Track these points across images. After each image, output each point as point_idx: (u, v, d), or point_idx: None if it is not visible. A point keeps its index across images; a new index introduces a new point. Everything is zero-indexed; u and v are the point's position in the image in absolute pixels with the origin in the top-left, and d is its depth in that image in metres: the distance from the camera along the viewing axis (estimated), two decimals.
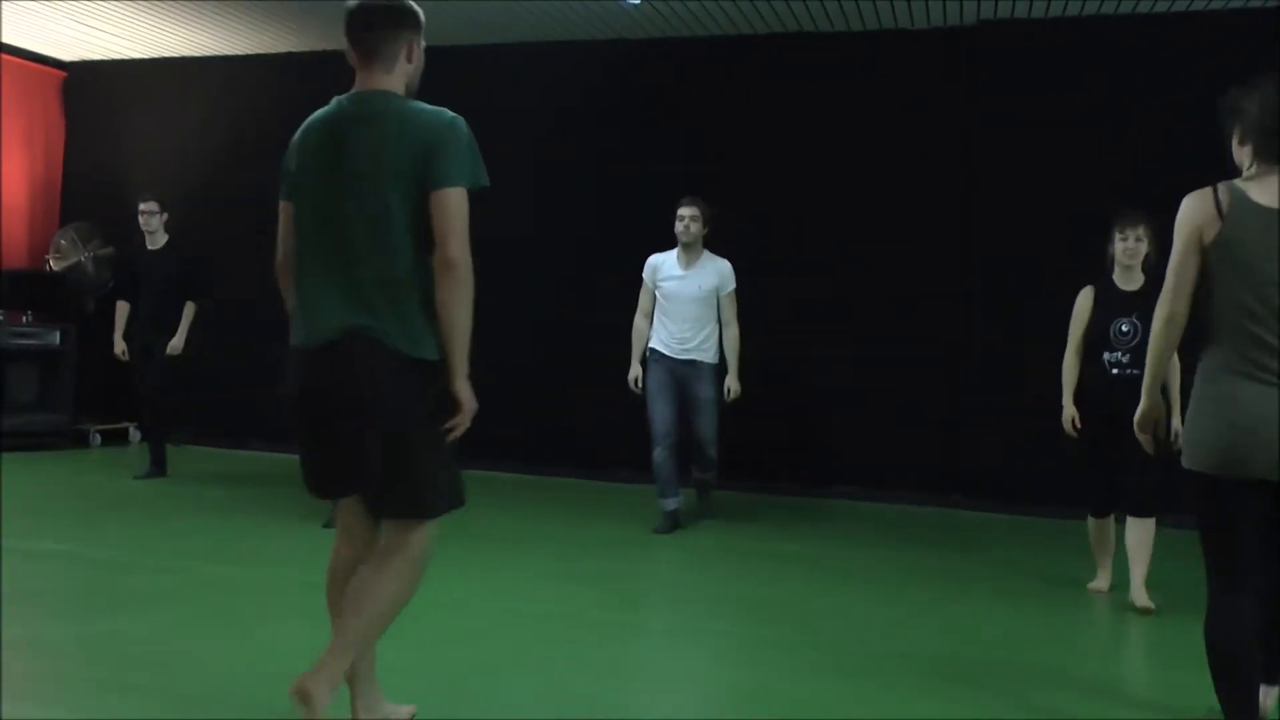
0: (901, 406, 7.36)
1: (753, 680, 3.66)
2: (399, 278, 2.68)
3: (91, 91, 9.37)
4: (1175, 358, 3.86)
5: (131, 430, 9.18)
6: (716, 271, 6.14)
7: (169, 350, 7.14)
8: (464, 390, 2.71)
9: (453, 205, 2.67)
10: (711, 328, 6.13)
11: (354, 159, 2.73)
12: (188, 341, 7.19)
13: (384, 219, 2.68)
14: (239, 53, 8.85)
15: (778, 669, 3.75)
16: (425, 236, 2.69)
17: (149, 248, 7.35)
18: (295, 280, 2.84)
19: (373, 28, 2.85)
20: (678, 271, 6.10)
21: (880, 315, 7.41)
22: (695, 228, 6.06)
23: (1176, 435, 4.52)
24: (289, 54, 8.75)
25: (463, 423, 2.72)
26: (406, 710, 3.05)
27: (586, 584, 4.92)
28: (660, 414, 6.04)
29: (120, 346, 7.36)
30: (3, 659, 3.59)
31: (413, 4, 2.88)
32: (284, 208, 2.91)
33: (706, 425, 6.13)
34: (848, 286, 7.47)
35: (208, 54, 8.94)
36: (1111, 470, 4.77)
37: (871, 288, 7.44)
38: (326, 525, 5.69)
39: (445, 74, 4.80)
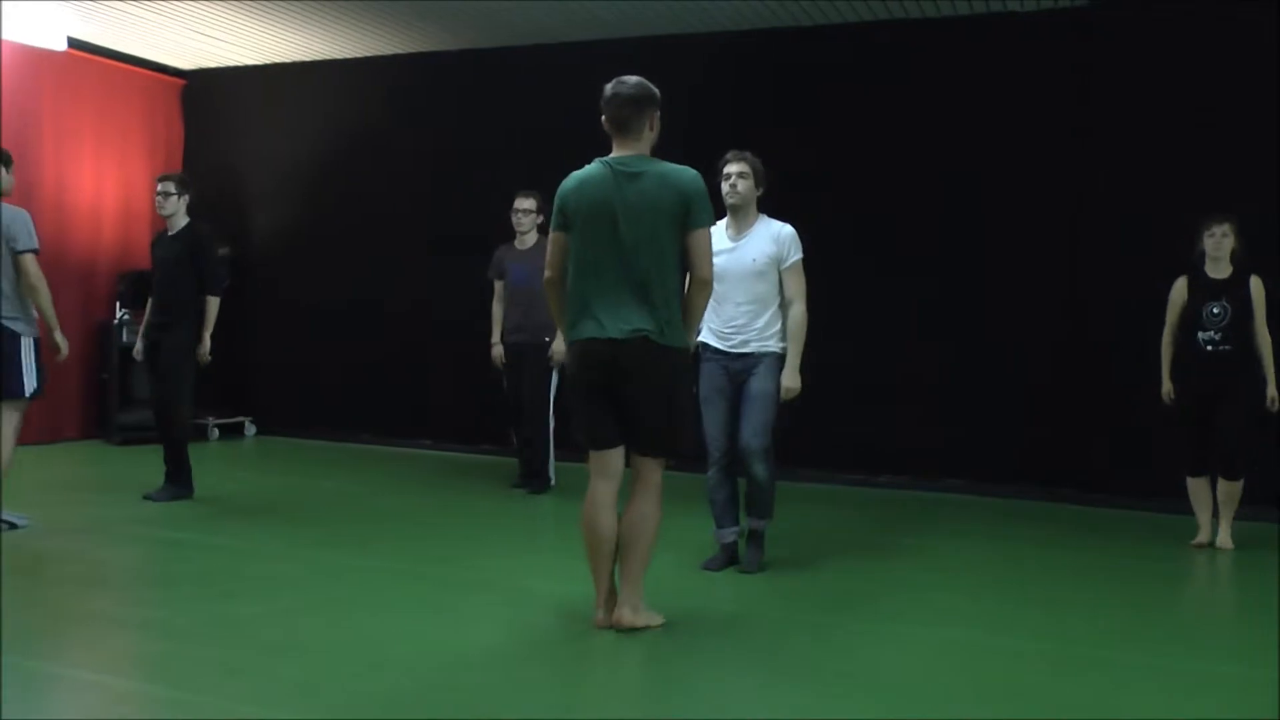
0: (1007, 401, 7.23)
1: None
2: (670, 293, 3.84)
3: (209, 98, 9.73)
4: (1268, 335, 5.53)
5: (247, 424, 9.51)
6: (774, 238, 4.89)
7: (200, 357, 6.31)
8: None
9: (705, 241, 3.87)
10: (774, 310, 4.88)
11: (630, 206, 3.81)
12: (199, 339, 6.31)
13: (660, 251, 3.82)
14: (349, 56, 9.09)
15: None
16: (680, 262, 3.87)
17: (168, 233, 6.46)
18: (573, 291, 3.91)
19: (626, 106, 3.88)
20: (726, 243, 4.84)
21: (982, 309, 7.28)
22: (744, 186, 4.88)
23: (1273, 401, 5.58)
24: (395, 55, 8.95)
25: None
26: (659, 618, 3.99)
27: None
28: (713, 424, 4.90)
29: (138, 346, 6.52)
30: (127, 640, 3.77)
31: (653, 87, 3.92)
32: (556, 238, 3.96)
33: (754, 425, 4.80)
34: (948, 279, 7.35)
35: (319, 58, 9.20)
36: (1205, 435, 5.66)
37: (973, 281, 7.31)
38: (515, 486, 7.06)
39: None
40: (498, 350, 7.07)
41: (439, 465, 8.20)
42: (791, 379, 4.81)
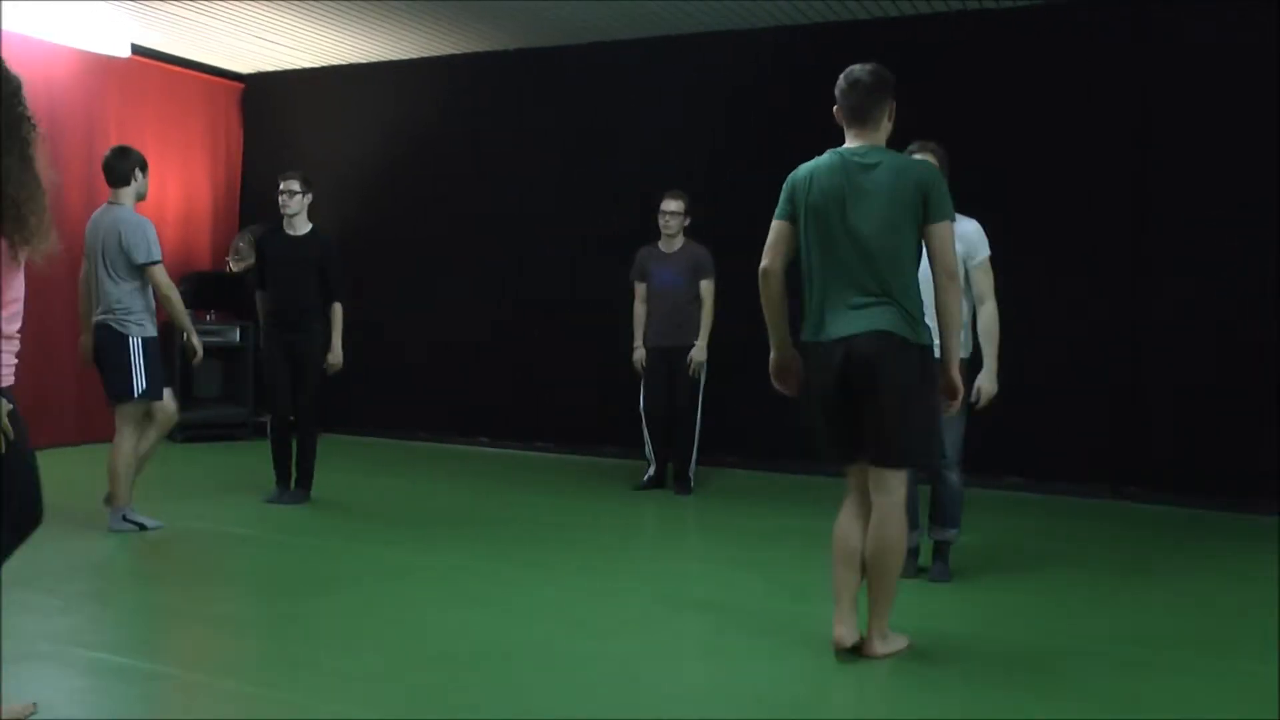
0: (1070, 397, 7.14)
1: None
2: (909, 288, 3.58)
3: (267, 101, 9.87)
4: None
5: None
6: (961, 238, 4.39)
7: (330, 365, 6.36)
8: (956, 373, 3.71)
9: (948, 234, 3.59)
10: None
11: (864, 197, 3.56)
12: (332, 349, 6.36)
13: (899, 244, 3.57)
14: (405, 57, 9.18)
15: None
16: (917, 255, 3.62)
17: (289, 232, 6.38)
18: (806, 289, 3.68)
19: (865, 95, 3.65)
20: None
21: (1045, 303, 7.17)
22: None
23: None
24: (451, 56, 9.01)
25: (958, 403, 3.80)
26: (904, 640, 3.78)
27: None
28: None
29: (265, 346, 6.49)
30: (198, 635, 3.85)
31: (890, 75, 3.69)
32: (780, 227, 3.73)
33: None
34: (1009, 271, 7.25)
35: (375, 60, 9.30)
36: None
37: (1036, 273, 7.20)
38: (636, 488, 6.96)
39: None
40: (640, 354, 7.00)
41: (502, 464, 8.26)
42: (990, 382, 4.65)
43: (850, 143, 3.70)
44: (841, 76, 3.70)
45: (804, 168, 3.72)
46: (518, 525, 6.03)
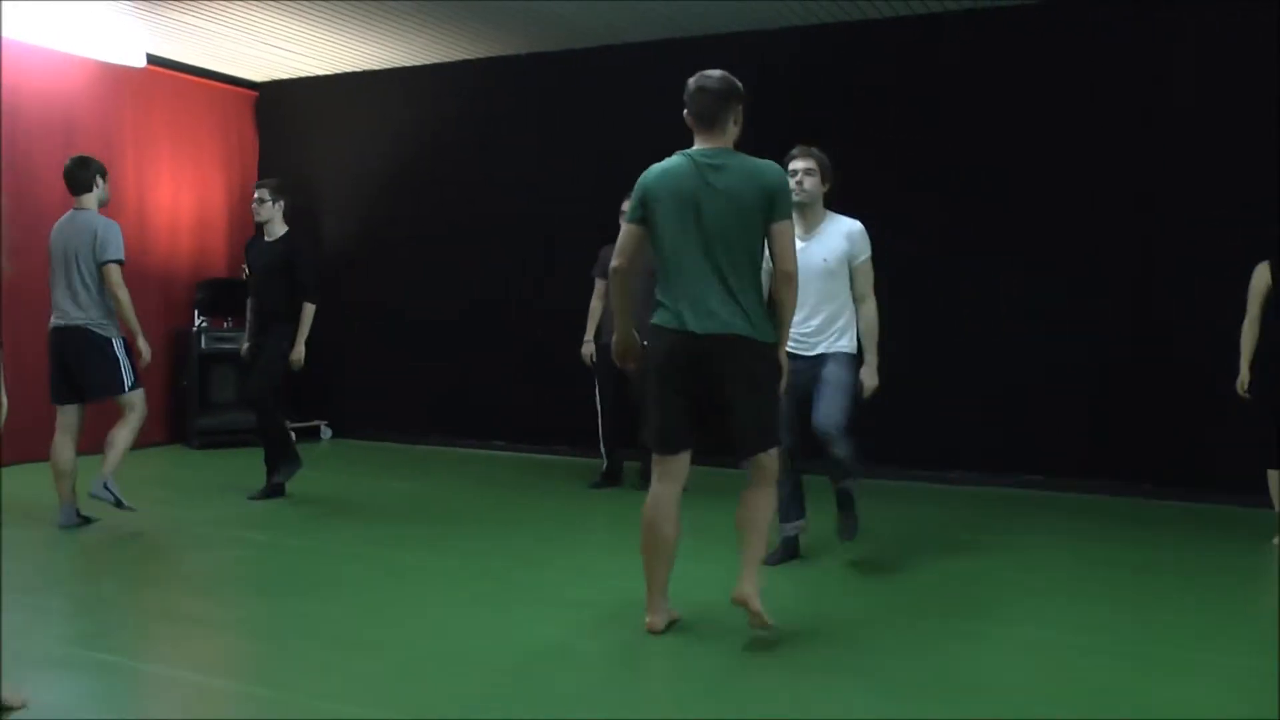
0: (1090, 394, 7.11)
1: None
2: (755, 287, 3.80)
3: (280, 108, 9.93)
4: None
5: (323, 428, 9.68)
6: (845, 235, 4.78)
7: (292, 362, 6.46)
8: (785, 360, 3.92)
9: (789, 234, 3.80)
10: (848, 312, 4.84)
11: (715, 199, 3.75)
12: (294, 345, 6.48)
13: (745, 244, 3.77)
14: (417, 63, 9.22)
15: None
16: (760, 256, 3.82)
17: (265, 239, 6.61)
18: (659, 284, 3.84)
19: (711, 100, 3.83)
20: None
21: (1061, 299, 7.15)
22: (811, 183, 4.76)
23: None
24: (464, 61, 9.03)
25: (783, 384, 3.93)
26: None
27: None
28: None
29: (245, 349, 6.74)
30: (213, 638, 3.87)
31: (737, 81, 3.87)
32: (631, 229, 3.91)
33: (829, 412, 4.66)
34: (1021, 271, 7.23)
35: (386, 66, 9.34)
36: None
37: (1048, 272, 7.18)
38: (593, 486, 7.11)
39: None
40: (588, 348, 7.07)
41: (511, 466, 8.28)
42: (871, 376, 4.81)
43: (699, 145, 3.87)
44: (691, 81, 3.88)
45: (653, 170, 3.90)
46: (529, 526, 6.05)
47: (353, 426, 9.68)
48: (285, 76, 9.79)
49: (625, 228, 3.94)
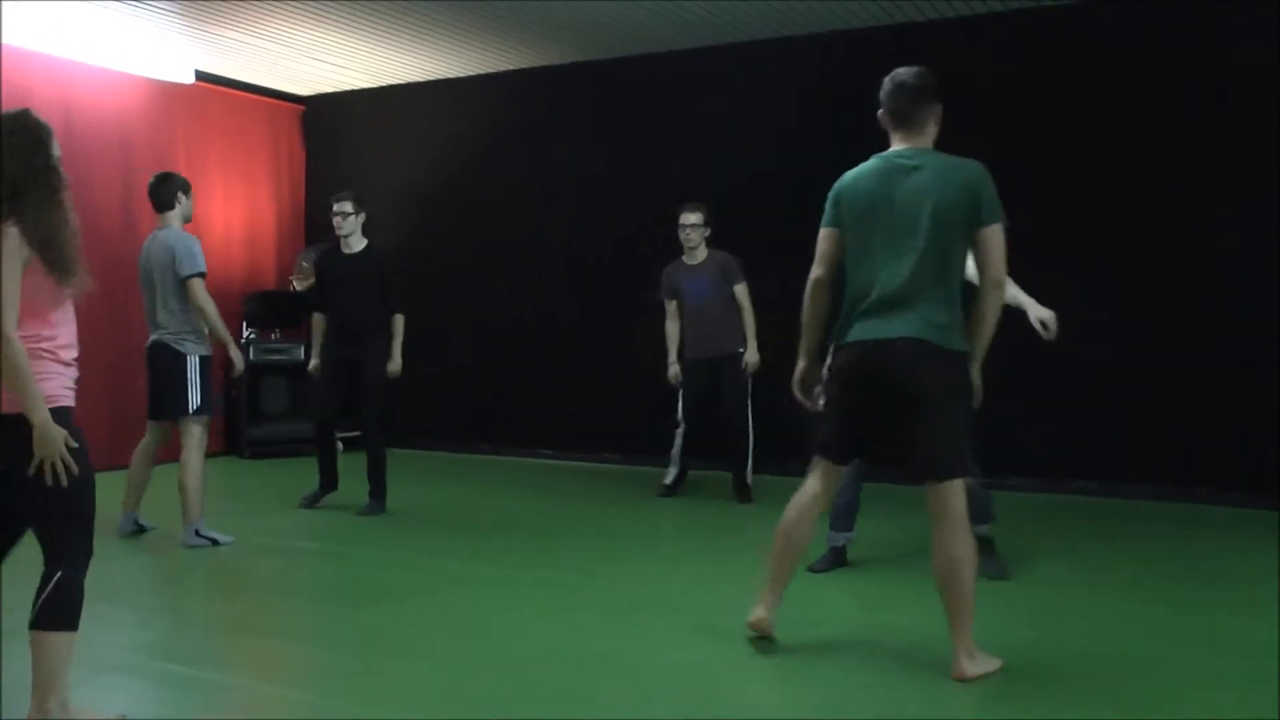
0: (1135, 400, 7.04)
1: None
2: (953, 294, 3.52)
3: (328, 122, 10.05)
4: None
5: None
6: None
7: (392, 374, 6.53)
8: (977, 375, 3.60)
9: (998, 239, 3.51)
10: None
11: (909, 201, 3.51)
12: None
13: (941, 248, 3.50)
14: (460, 75, 9.30)
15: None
16: (962, 261, 3.57)
17: (345, 251, 6.59)
18: (850, 290, 3.64)
19: (908, 98, 3.62)
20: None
21: (1110, 305, 7.07)
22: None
23: None
24: (508, 72, 9.09)
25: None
26: (997, 662, 3.61)
27: None
28: None
29: (315, 363, 6.67)
30: (268, 646, 3.93)
31: (934, 77, 3.66)
32: (828, 234, 3.73)
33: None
34: (1075, 276, 7.14)
35: (431, 78, 9.43)
36: None
37: (1101, 276, 7.11)
38: (661, 495, 7.10)
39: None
40: (674, 369, 7.06)
41: (562, 475, 8.32)
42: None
43: (895, 146, 3.68)
44: (887, 79, 3.68)
45: (848, 175, 3.72)
46: (583, 535, 6.08)
47: (401, 436, 9.75)
48: (332, 90, 9.92)
49: (821, 232, 3.76)
